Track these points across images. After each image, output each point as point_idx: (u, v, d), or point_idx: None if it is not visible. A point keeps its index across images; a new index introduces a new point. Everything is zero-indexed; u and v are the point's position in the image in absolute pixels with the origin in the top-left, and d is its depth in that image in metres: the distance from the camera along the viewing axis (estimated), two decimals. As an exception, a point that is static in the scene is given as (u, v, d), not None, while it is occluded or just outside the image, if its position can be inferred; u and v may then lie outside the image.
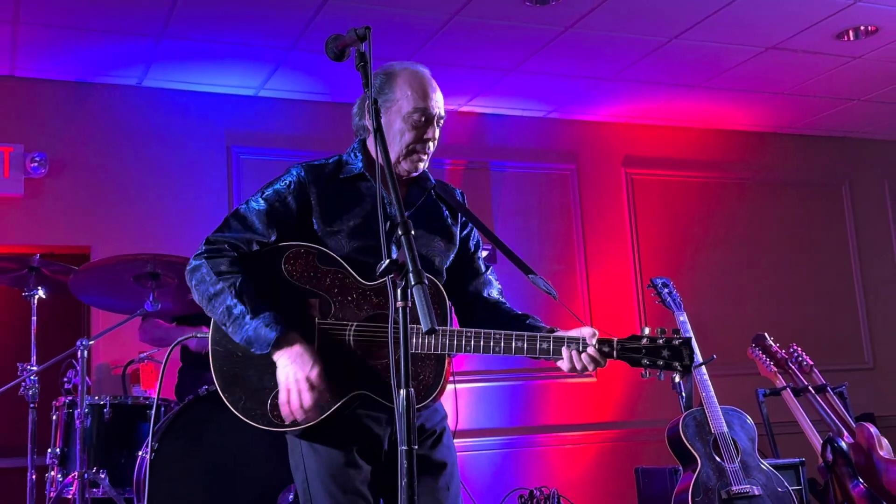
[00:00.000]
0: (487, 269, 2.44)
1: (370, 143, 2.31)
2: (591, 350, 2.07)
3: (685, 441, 4.01)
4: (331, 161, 2.30)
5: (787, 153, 6.83)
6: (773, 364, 4.57)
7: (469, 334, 2.08)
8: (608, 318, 5.95)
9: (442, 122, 2.29)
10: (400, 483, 1.70)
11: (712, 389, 4.12)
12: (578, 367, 2.08)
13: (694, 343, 4.22)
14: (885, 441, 4.33)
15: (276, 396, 2.09)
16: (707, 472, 3.94)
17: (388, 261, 1.76)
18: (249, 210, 2.22)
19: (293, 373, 2.04)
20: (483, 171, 5.98)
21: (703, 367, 4.15)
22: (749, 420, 4.20)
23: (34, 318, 4.23)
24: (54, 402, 4.10)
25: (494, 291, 2.42)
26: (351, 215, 2.22)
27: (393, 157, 2.22)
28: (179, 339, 3.68)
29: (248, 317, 2.07)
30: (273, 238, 2.20)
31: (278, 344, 2.06)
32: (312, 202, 2.22)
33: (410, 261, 1.73)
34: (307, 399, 2.04)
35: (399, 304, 1.76)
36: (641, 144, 6.49)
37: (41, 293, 4.23)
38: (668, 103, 6.14)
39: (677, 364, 2.07)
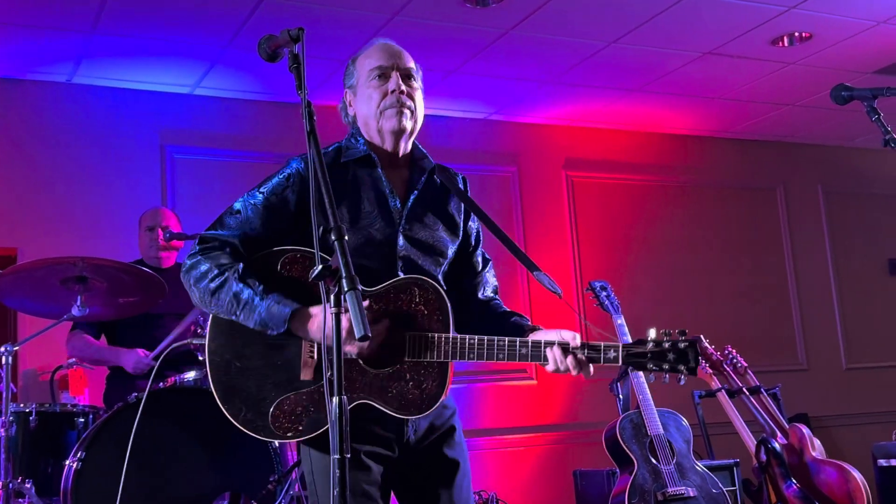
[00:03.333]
0: (486, 264, 2.40)
1: (364, 130, 2.27)
2: (570, 357, 2.04)
3: (622, 443, 4.06)
4: (330, 149, 2.24)
5: (723, 157, 6.97)
6: (708, 366, 4.65)
7: (472, 342, 2.05)
8: (549, 320, 5.95)
9: (413, 76, 2.25)
10: (332, 492, 1.68)
11: (649, 392, 4.18)
12: (562, 368, 2.05)
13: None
14: (817, 442, 4.44)
15: (278, 406, 2.06)
16: (643, 473, 3.99)
17: (321, 266, 1.74)
18: (245, 206, 2.17)
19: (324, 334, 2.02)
20: (424, 173, 5.98)
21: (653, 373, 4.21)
22: (684, 422, 4.27)
23: (-44, 323, 4.12)
24: (-24, 410, 4.01)
25: (489, 290, 2.38)
26: (349, 206, 2.16)
27: (374, 127, 2.21)
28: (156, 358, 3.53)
29: (257, 299, 2.04)
30: (270, 234, 2.15)
31: (294, 317, 2.02)
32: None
33: (343, 266, 1.71)
34: (357, 344, 1.99)
35: (332, 310, 1.74)
36: (582, 147, 6.56)
37: (-37, 297, 4.13)
38: (608, 107, 6.22)
39: (683, 367, 2.05)
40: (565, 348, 2.04)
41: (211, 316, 2.15)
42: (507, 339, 2.05)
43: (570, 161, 6.51)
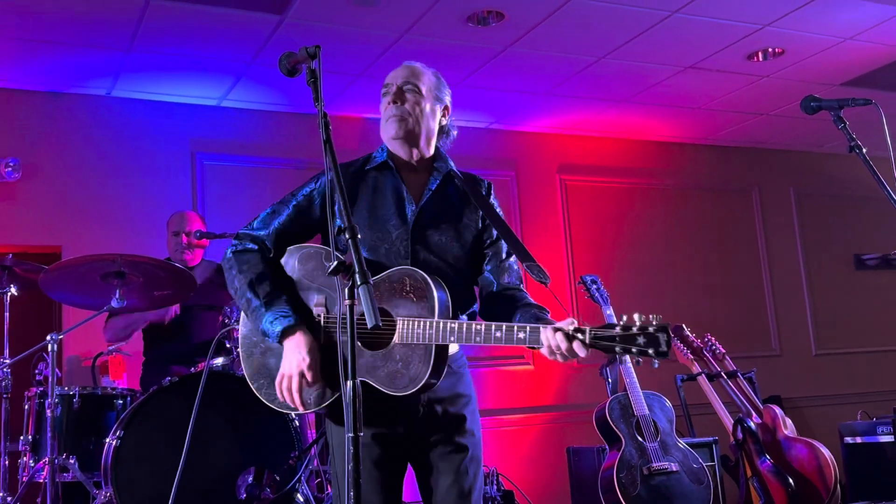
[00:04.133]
0: (509, 256, 2.32)
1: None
2: (561, 339, 1.92)
3: (611, 423, 4.06)
4: (361, 158, 2.30)
5: (703, 162, 6.95)
6: (689, 352, 4.65)
7: (453, 326, 2.00)
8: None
9: (408, 88, 2.26)
10: (346, 467, 1.70)
11: (635, 376, 4.18)
12: (556, 351, 1.94)
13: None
14: (788, 421, 4.44)
15: None
16: (630, 450, 3.99)
17: (335, 262, 1.78)
18: (278, 208, 2.24)
19: (288, 363, 2.06)
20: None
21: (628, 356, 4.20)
22: (668, 403, 4.26)
23: (7, 315, 4.12)
24: (26, 393, 4.00)
25: (510, 279, 2.30)
26: (369, 206, 2.21)
27: (385, 137, 2.28)
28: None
29: (262, 309, 2.11)
30: (296, 233, 2.22)
31: (283, 335, 2.08)
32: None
33: (356, 262, 1.75)
34: (296, 387, 2.05)
35: (346, 302, 1.78)
36: (574, 153, 6.55)
37: (13, 290, 4.13)
38: (598, 116, 6.21)
39: (652, 351, 1.87)
40: (565, 334, 1.92)
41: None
42: (484, 324, 1.97)
43: (563, 166, 6.50)
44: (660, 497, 3.92)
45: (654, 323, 1.88)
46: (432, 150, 2.34)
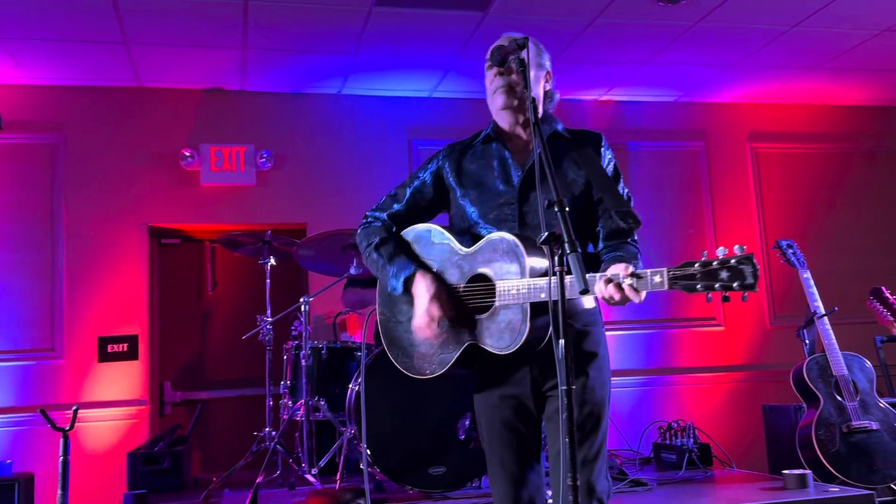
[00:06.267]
0: (607, 211, 2.11)
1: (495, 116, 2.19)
2: (623, 284, 1.73)
3: (809, 382, 3.80)
4: (472, 135, 2.23)
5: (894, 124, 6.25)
6: (889, 314, 4.22)
7: (541, 284, 1.86)
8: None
9: (512, 58, 2.06)
10: (561, 416, 1.64)
11: (833, 337, 3.87)
12: (604, 296, 1.77)
13: (816, 294, 3.99)
14: None
15: (419, 350, 2.08)
16: (829, 409, 3.72)
17: (546, 233, 1.71)
18: (402, 187, 2.23)
19: (419, 304, 2.02)
20: (621, 151, 5.81)
21: (826, 317, 3.90)
22: (867, 364, 3.92)
23: (268, 281, 4.49)
24: (285, 346, 4.33)
25: (612, 232, 2.10)
26: (476, 178, 2.13)
27: (492, 109, 2.16)
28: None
29: (386, 267, 2.09)
30: (413, 211, 2.20)
31: (406, 283, 2.05)
32: (448, 173, 2.17)
33: (565, 233, 1.68)
34: (426, 325, 1.99)
35: (557, 268, 1.70)
36: (765, 121, 6.11)
37: (272, 261, 4.49)
38: (787, 84, 5.74)
39: (737, 284, 1.62)
40: (608, 280, 1.75)
41: (378, 283, 2.19)
42: (569, 278, 1.73)
43: (753, 134, 6.08)
44: (860, 454, 3.62)
45: (737, 255, 1.63)
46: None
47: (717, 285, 1.64)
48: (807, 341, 3.99)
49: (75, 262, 4.95)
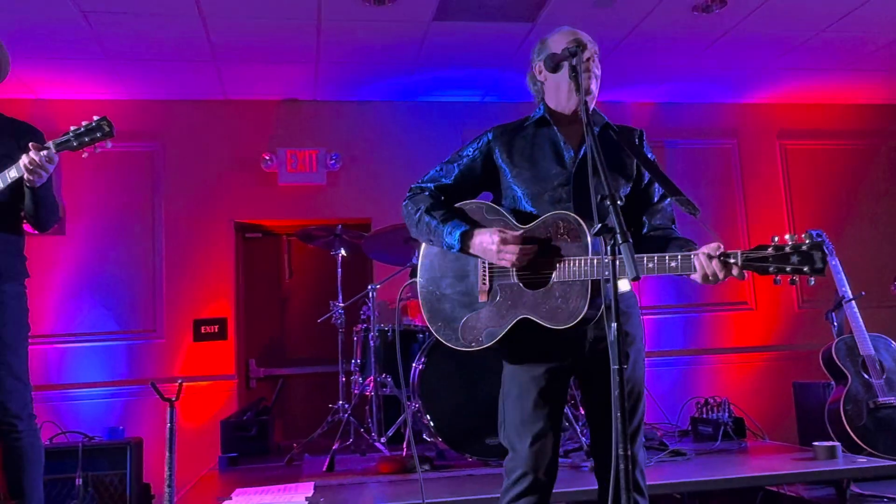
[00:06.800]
0: (661, 200, 2.08)
1: (547, 99, 2.12)
2: (714, 261, 1.70)
3: (837, 361, 3.75)
4: (521, 119, 2.14)
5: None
6: (916, 299, 4.14)
7: (606, 261, 1.73)
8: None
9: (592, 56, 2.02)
10: (613, 393, 1.62)
11: (861, 319, 3.82)
12: (709, 273, 1.72)
13: (844, 279, 3.92)
14: None
15: (464, 323, 2.00)
16: (856, 386, 3.67)
17: (599, 225, 1.68)
18: (448, 164, 2.14)
19: (485, 249, 1.93)
20: (659, 148, 5.77)
21: (853, 301, 3.84)
22: (893, 344, 3.86)
23: (339, 270, 4.59)
24: (354, 328, 4.39)
25: (662, 219, 2.07)
26: (529, 159, 2.04)
27: (564, 93, 2.05)
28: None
29: (441, 226, 2.00)
30: (460, 187, 2.10)
31: (463, 238, 1.97)
32: (499, 154, 2.08)
33: (617, 224, 1.65)
34: (502, 248, 1.90)
35: (608, 258, 1.66)
36: (793, 120, 5.99)
37: (343, 252, 4.59)
38: (815, 84, 5.62)
39: (807, 268, 1.60)
40: (710, 256, 1.70)
41: (420, 258, 2.10)
42: (636, 256, 1.70)
43: (782, 132, 5.97)
44: (886, 428, 3.57)
45: (807, 241, 1.62)
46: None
47: (788, 268, 1.63)
48: (835, 323, 3.93)
49: (172, 254, 5.16)
